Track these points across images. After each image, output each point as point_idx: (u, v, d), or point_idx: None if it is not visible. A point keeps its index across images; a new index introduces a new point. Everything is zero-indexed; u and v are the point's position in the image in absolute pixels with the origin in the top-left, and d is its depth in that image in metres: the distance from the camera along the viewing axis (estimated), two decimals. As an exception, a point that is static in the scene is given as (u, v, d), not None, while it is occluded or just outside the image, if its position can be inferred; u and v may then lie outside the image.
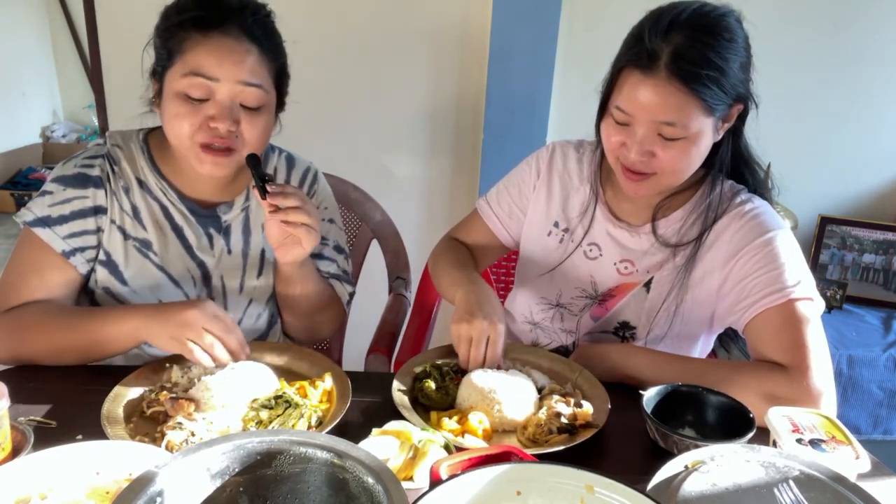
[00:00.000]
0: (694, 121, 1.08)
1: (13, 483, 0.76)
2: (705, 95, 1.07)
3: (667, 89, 1.06)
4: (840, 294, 2.48)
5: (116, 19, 2.29)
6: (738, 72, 1.10)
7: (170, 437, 0.89)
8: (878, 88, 2.47)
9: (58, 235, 1.16)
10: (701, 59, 1.06)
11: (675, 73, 1.05)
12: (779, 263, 1.14)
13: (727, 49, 1.08)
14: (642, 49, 1.08)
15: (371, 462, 0.66)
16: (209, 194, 1.26)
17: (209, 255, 1.25)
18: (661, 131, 1.10)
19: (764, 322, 1.12)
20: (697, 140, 1.11)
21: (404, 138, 2.49)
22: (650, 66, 1.07)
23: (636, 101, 1.09)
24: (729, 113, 1.14)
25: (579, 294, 1.33)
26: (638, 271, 1.28)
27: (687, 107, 1.07)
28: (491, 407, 1.01)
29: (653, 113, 1.08)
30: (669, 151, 1.11)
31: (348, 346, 1.73)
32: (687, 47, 1.06)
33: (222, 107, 1.10)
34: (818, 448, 0.85)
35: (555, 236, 1.35)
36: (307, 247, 1.15)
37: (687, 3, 1.10)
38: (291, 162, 1.36)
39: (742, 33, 1.12)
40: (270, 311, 1.33)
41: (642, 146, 1.11)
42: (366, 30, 2.36)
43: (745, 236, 1.19)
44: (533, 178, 1.38)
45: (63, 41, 5.35)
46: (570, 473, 0.68)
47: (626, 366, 1.17)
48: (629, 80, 1.10)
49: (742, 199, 1.23)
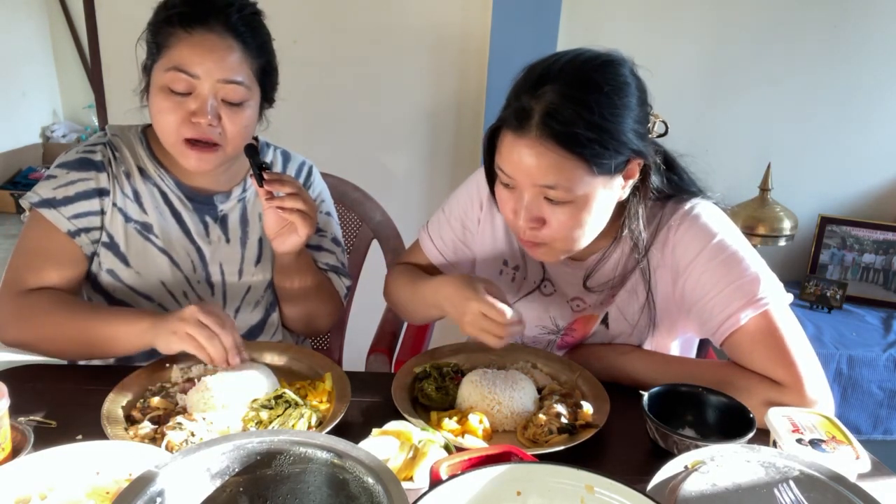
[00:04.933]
0: (578, 183, 0.99)
1: (13, 483, 0.76)
2: (586, 154, 0.97)
3: (540, 150, 0.97)
4: (840, 294, 2.48)
5: (116, 19, 2.30)
6: (627, 126, 0.99)
7: (170, 437, 0.89)
8: (878, 88, 2.47)
9: (63, 216, 1.18)
10: (573, 117, 0.95)
11: (548, 133, 0.96)
12: (732, 274, 1.06)
13: (607, 103, 0.97)
14: (516, 107, 0.99)
15: (371, 462, 0.66)
16: (206, 184, 1.28)
17: (206, 243, 1.28)
18: (546, 194, 1.00)
19: (738, 341, 1.06)
20: (587, 203, 1.01)
21: (404, 138, 2.49)
22: (521, 126, 0.98)
23: (513, 163, 1.00)
24: (626, 170, 1.03)
25: (540, 331, 1.27)
26: (591, 306, 1.22)
27: (565, 169, 0.97)
28: (491, 407, 1.01)
29: (532, 176, 0.99)
30: (558, 216, 1.02)
31: (348, 346, 1.73)
32: (558, 105, 0.96)
33: (203, 102, 1.12)
34: (818, 448, 0.85)
35: (506, 275, 1.27)
36: (303, 235, 1.16)
37: (565, 53, 1.01)
38: (287, 157, 1.39)
39: (632, 82, 1.01)
40: (268, 300, 1.34)
41: (529, 212, 1.02)
42: (366, 30, 2.36)
43: (688, 248, 1.10)
44: (475, 210, 1.27)
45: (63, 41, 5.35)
46: (570, 473, 0.68)
47: (624, 366, 1.16)
48: (505, 140, 1.02)
49: (671, 205, 1.13)
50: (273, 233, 1.18)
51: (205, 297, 1.28)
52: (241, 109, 1.16)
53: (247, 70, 1.15)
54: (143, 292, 1.23)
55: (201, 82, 1.12)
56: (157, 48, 1.14)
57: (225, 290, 1.30)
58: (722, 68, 2.42)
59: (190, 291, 1.27)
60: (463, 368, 1.13)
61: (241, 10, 1.15)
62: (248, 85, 1.15)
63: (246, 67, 1.15)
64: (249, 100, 1.17)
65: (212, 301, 1.29)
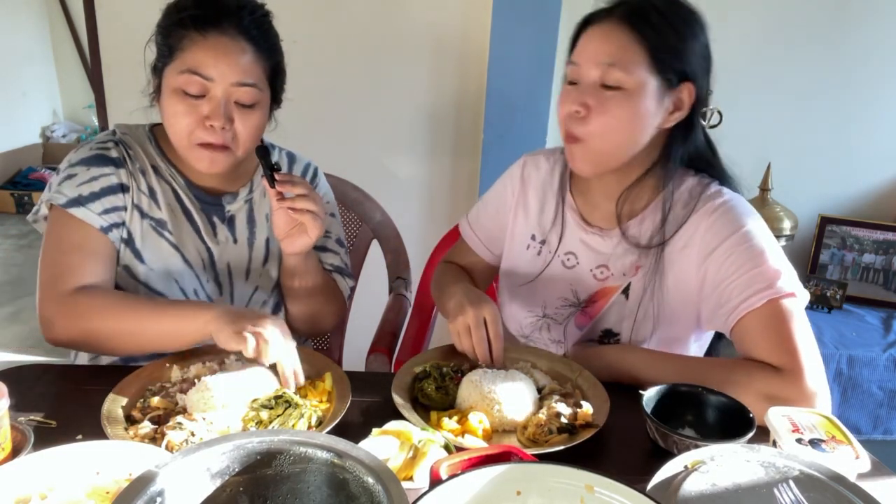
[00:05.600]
0: (637, 68, 1.09)
1: (13, 483, 0.76)
2: (650, 41, 1.09)
3: (615, 31, 1.10)
4: (840, 294, 2.48)
5: (116, 19, 2.30)
6: (692, 47, 1.12)
7: (170, 437, 0.89)
8: (878, 88, 2.47)
9: (93, 212, 1.17)
10: (654, 11, 1.10)
11: (626, 17, 1.10)
12: (756, 261, 1.11)
13: (683, 22, 1.11)
14: (602, 8, 1.15)
15: (371, 462, 0.66)
16: (214, 184, 1.29)
17: (214, 243, 1.28)
18: (603, 78, 1.10)
19: (749, 325, 1.10)
20: (637, 97, 1.10)
21: (404, 138, 2.49)
22: (605, 16, 1.13)
23: (584, 49, 1.13)
24: (678, 91, 1.13)
25: (562, 303, 1.32)
26: (614, 275, 1.26)
27: (631, 49, 1.09)
28: (491, 407, 1.01)
29: (597, 55, 1.11)
30: (606, 104, 1.10)
31: (348, 346, 1.73)
32: (643, 3, 1.11)
33: (217, 105, 1.13)
34: (818, 448, 0.85)
35: (533, 249, 1.35)
36: (313, 235, 1.17)
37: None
38: (293, 158, 1.40)
39: (704, 34, 1.14)
40: (275, 300, 1.35)
41: (582, 95, 1.12)
42: (366, 30, 2.36)
43: (718, 233, 1.16)
44: (509, 196, 1.38)
45: (63, 41, 5.36)
46: (570, 473, 0.68)
47: (624, 364, 1.17)
48: (584, 34, 1.15)
49: (711, 191, 1.20)
50: (283, 234, 1.18)
51: (213, 294, 1.28)
52: (252, 112, 1.17)
53: (259, 72, 1.16)
54: (155, 288, 1.22)
55: (215, 85, 1.12)
56: (170, 50, 1.14)
57: (232, 291, 1.30)
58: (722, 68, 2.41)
59: (200, 289, 1.27)
60: (463, 368, 1.13)
61: (252, 13, 1.16)
62: (260, 87, 1.17)
63: (258, 69, 1.16)
64: (261, 101, 1.18)
65: (220, 300, 1.29)
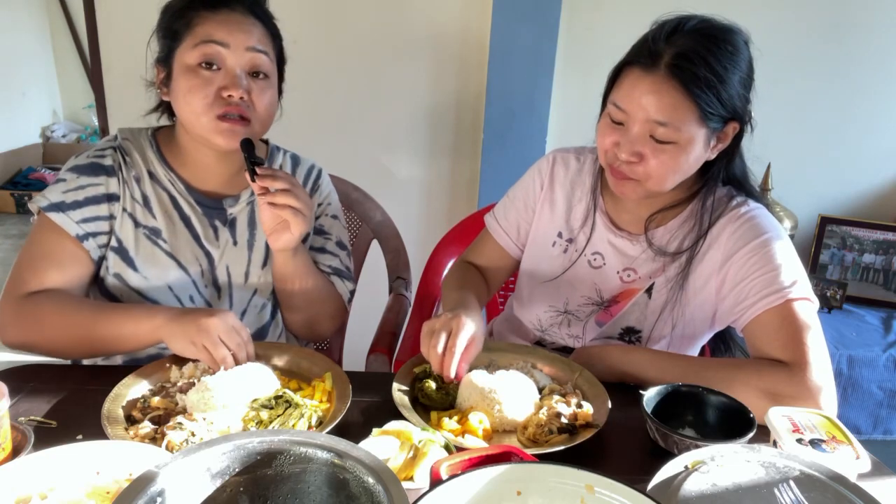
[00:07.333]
0: (687, 125, 1.09)
1: (13, 483, 0.76)
2: (701, 100, 1.08)
3: (664, 88, 1.08)
4: (840, 294, 2.48)
5: (116, 19, 2.30)
6: (738, 86, 1.11)
7: (170, 437, 0.89)
8: (878, 89, 2.47)
9: (71, 220, 1.18)
10: (701, 62, 1.07)
11: (674, 72, 1.07)
12: (775, 265, 1.15)
13: (728, 59, 1.09)
14: (645, 49, 1.10)
15: (371, 462, 0.66)
16: (215, 187, 1.29)
17: (214, 247, 1.28)
18: (653, 132, 1.10)
19: (763, 323, 1.13)
20: (688, 148, 1.11)
21: (404, 138, 2.49)
22: (651, 65, 1.09)
23: (633, 98, 1.11)
24: (724, 131, 1.14)
25: (585, 301, 1.33)
26: (640, 278, 1.28)
27: (682, 108, 1.08)
28: (491, 407, 1.01)
29: (647, 111, 1.09)
30: (659, 156, 1.11)
31: (348, 346, 1.73)
32: (689, 50, 1.07)
33: (233, 75, 1.16)
34: (818, 448, 0.85)
35: (558, 246, 1.36)
36: (296, 231, 1.16)
37: (695, 15, 1.13)
38: (296, 160, 1.40)
39: (746, 53, 1.13)
40: (274, 302, 1.34)
41: (633, 146, 1.12)
42: (366, 30, 2.36)
43: (742, 238, 1.19)
44: (537, 191, 1.39)
45: (63, 41, 5.35)
46: (570, 473, 0.68)
47: (626, 365, 1.17)
48: (629, 76, 1.12)
49: (738, 201, 1.24)
50: (269, 229, 1.18)
51: (211, 300, 1.28)
52: (267, 85, 1.20)
53: (269, 46, 1.21)
54: (149, 296, 1.23)
55: (230, 52, 1.15)
56: (176, 34, 1.17)
57: (231, 293, 1.29)
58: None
59: (196, 295, 1.26)
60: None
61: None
62: (272, 59, 1.20)
63: (269, 43, 1.21)
64: (272, 77, 1.21)
65: (218, 304, 1.29)
